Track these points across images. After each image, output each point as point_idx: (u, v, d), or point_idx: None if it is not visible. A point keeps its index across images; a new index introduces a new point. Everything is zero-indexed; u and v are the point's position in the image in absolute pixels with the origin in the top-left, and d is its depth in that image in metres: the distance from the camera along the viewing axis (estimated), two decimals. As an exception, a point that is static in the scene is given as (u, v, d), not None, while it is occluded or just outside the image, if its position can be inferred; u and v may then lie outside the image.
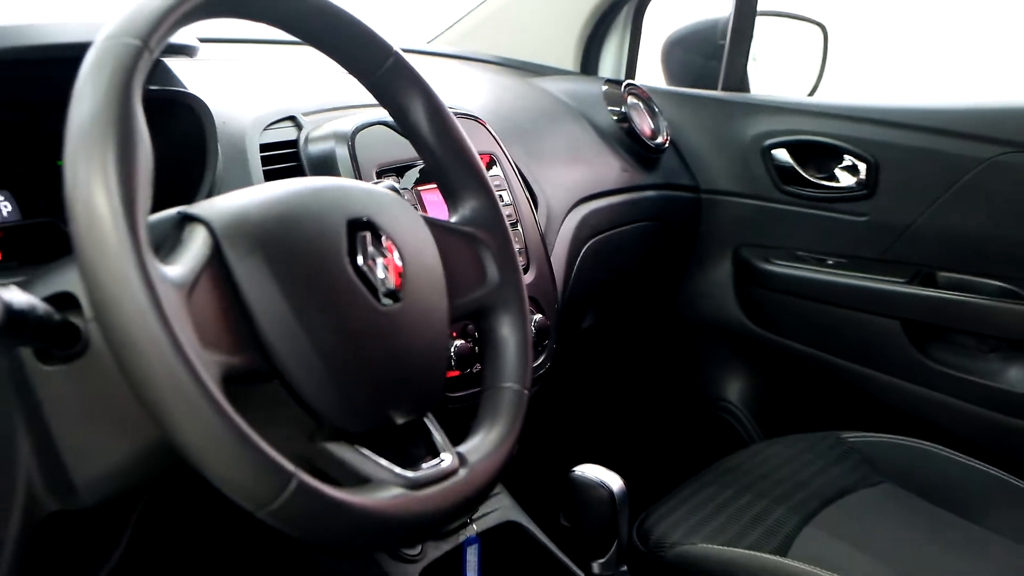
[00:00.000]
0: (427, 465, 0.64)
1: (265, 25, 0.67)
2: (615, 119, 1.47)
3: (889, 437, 1.24)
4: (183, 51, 0.82)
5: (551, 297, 1.11)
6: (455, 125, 0.77)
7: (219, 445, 0.50)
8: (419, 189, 1.01)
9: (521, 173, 1.15)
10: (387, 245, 0.67)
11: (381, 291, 0.65)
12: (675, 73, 1.70)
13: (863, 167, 1.43)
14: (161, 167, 0.57)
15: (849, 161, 1.46)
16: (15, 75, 0.75)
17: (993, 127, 1.33)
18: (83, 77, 0.55)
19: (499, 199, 0.81)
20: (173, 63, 0.85)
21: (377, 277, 0.65)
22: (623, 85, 1.52)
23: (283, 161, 0.95)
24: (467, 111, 1.12)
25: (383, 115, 0.92)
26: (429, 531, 0.80)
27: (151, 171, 0.55)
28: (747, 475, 1.18)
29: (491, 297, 0.77)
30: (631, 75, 1.71)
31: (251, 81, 1.09)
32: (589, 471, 0.89)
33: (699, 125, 1.58)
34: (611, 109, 1.48)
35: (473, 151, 0.79)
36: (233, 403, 0.52)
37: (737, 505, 1.11)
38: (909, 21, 3.36)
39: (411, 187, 1.00)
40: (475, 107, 1.16)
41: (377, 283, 0.65)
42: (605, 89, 1.51)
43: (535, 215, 1.14)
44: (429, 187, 1.01)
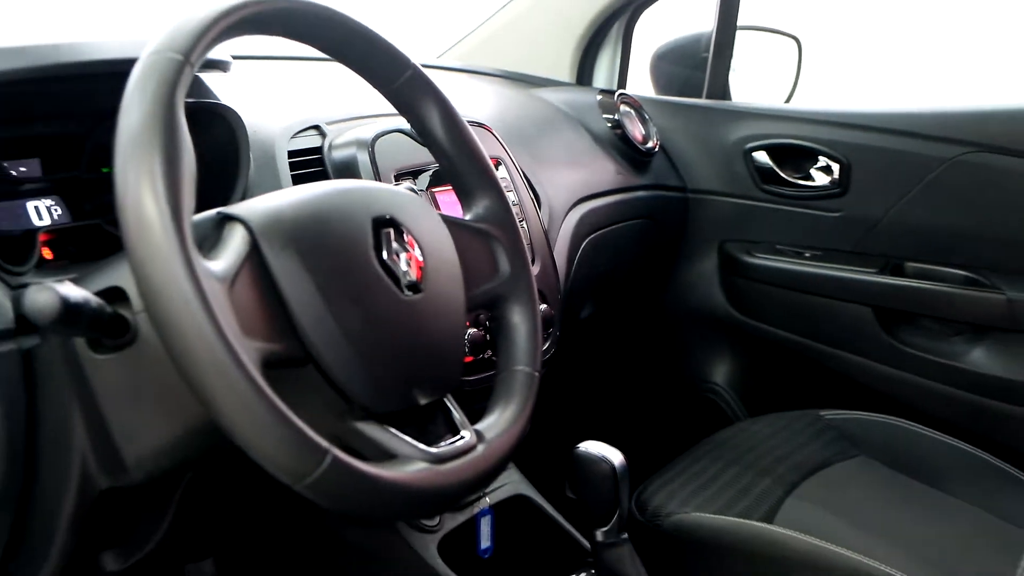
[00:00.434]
0: (448, 442, 0.65)
1: (292, 41, 0.67)
2: (609, 126, 1.47)
3: (863, 414, 1.24)
4: (218, 66, 0.81)
5: (555, 289, 1.11)
6: (468, 131, 0.77)
7: (260, 424, 0.50)
8: (433, 190, 1.00)
9: (525, 175, 1.15)
10: (409, 241, 0.67)
11: (404, 283, 0.65)
12: (663, 83, 1.70)
13: (836, 167, 1.43)
14: (199, 172, 0.57)
15: (824, 162, 1.46)
16: (64, 89, 0.75)
17: (956, 129, 1.33)
18: (130, 90, 0.54)
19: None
20: (208, 77, 0.84)
21: (400, 270, 0.65)
22: (616, 95, 1.51)
23: (309, 166, 0.94)
24: (476, 119, 1.12)
25: (400, 123, 0.92)
26: (451, 502, 0.80)
27: (194, 176, 0.55)
28: (734, 450, 1.18)
29: (504, 288, 0.77)
30: (623, 85, 1.71)
31: (278, 93, 1.09)
32: (592, 447, 0.88)
33: (686, 131, 1.58)
34: (605, 117, 1.48)
35: (485, 155, 0.78)
36: (272, 386, 0.52)
37: (726, 477, 1.11)
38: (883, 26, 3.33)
39: (425, 188, 1.00)
40: (483, 116, 1.16)
41: (400, 276, 0.65)
42: (600, 98, 1.51)
43: (539, 213, 1.14)
44: (442, 188, 1.01)
